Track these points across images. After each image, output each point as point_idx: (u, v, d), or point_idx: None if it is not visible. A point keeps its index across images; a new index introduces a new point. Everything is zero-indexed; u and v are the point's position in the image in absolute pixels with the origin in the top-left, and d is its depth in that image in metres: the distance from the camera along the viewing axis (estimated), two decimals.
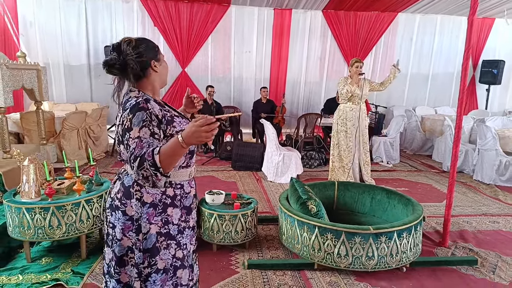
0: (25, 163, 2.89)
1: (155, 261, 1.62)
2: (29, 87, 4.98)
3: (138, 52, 1.60)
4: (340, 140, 5.08)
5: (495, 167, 5.43)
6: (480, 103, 9.20)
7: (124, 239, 1.61)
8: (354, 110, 4.96)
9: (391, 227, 2.85)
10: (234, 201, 3.43)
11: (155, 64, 1.66)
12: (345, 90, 4.91)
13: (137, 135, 1.47)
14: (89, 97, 7.87)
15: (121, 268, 1.64)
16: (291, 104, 8.66)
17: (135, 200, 1.59)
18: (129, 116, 1.52)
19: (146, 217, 1.59)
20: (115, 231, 1.62)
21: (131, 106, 1.54)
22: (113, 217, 1.63)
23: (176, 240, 1.67)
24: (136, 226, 1.60)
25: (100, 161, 6.34)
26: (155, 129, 1.52)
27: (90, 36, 7.63)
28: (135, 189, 1.60)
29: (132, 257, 1.62)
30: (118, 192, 1.64)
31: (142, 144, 1.46)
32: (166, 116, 1.59)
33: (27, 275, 2.80)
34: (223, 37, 8.11)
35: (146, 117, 1.51)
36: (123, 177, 1.66)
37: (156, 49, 1.68)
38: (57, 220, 2.84)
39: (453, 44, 8.88)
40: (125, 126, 1.51)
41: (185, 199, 1.72)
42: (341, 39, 8.39)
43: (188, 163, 1.71)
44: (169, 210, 1.65)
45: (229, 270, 2.96)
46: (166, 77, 1.75)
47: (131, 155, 1.45)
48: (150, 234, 1.60)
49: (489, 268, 3.09)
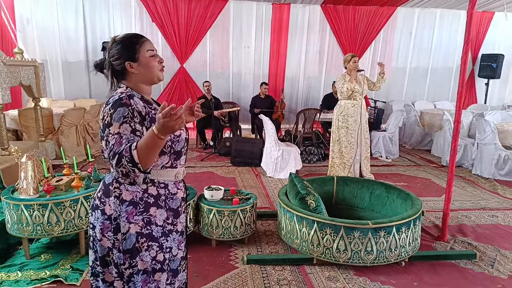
0: (23, 159, 2.88)
1: (136, 262, 1.55)
2: (27, 83, 4.96)
3: (112, 54, 1.57)
4: (341, 136, 5.03)
5: (494, 161, 5.43)
6: (479, 97, 9.20)
7: (104, 240, 1.55)
8: (356, 106, 4.92)
9: (390, 222, 2.85)
10: (233, 197, 3.42)
11: (131, 65, 1.56)
12: (345, 88, 4.84)
13: (117, 131, 1.42)
14: (87, 93, 7.86)
15: (104, 268, 1.60)
16: (290, 99, 8.64)
17: (113, 197, 1.53)
18: (110, 111, 1.47)
19: (125, 215, 1.52)
20: (95, 232, 1.57)
21: (113, 101, 1.49)
22: (93, 217, 1.58)
23: (159, 243, 1.59)
24: (114, 226, 1.53)
25: (98, 157, 6.32)
26: (136, 126, 1.46)
27: (88, 32, 7.61)
28: (114, 186, 1.54)
29: (113, 257, 1.57)
30: (99, 190, 1.60)
31: (121, 141, 1.40)
32: (150, 114, 1.54)
33: (26, 272, 2.80)
34: (222, 32, 8.08)
35: (127, 113, 1.46)
36: (106, 175, 1.63)
37: (134, 48, 1.57)
38: (56, 216, 2.84)
39: (452, 38, 8.86)
40: (106, 121, 1.47)
41: (171, 200, 1.64)
42: (340, 33, 8.36)
43: (173, 164, 1.62)
44: (152, 210, 1.57)
45: (228, 266, 2.96)
46: (153, 75, 1.61)
47: (110, 151, 1.40)
48: (130, 234, 1.53)
49: (487, 262, 3.10)
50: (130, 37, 1.60)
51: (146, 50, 1.59)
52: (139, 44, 1.58)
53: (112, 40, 1.60)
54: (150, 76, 1.61)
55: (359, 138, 5.00)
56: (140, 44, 1.58)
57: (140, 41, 1.59)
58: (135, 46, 1.57)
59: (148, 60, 1.59)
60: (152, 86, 1.71)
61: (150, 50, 1.59)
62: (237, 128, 7.41)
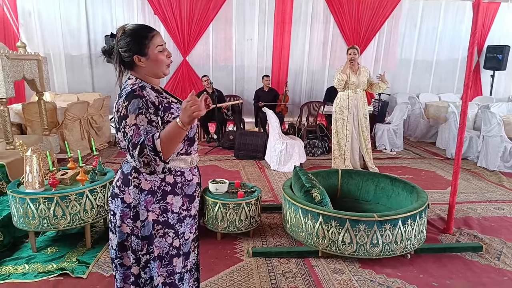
0: (28, 153, 2.88)
1: (152, 249, 1.63)
2: (30, 77, 4.95)
3: (121, 46, 1.57)
4: (338, 128, 5.09)
5: (499, 153, 5.39)
6: (485, 90, 9.11)
7: (123, 226, 1.64)
8: (351, 98, 4.96)
9: (395, 214, 2.84)
10: (238, 190, 3.42)
11: (139, 59, 1.57)
12: (336, 79, 4.96)
13: (134, 122, 1.46)
14: (90, 87, 7.84)
15: (123, 253, 1.68)
16: (294, 92, 8.57)
17: (133, 187, 1.59)
18: (125, 103, 1.50)
19: (144, 204, 1.59)
20: (116, 218, 1.64)
21: (126, 93, 1.52)
22: (113, 205, 1.65)
23: (175, 229, 1.67)
24: (133, 214, 1.61)
25: (103, 151, 6.34)
26: (152, 117, 1.50)
27: (90, 26, 7.55)
28: (133, 176, 1.60)
29: (131, 243, 1.65)
30: (118, 180, 1.66)
31: (139, 132, 1.45)
32: (163, 103, 1.57)
33: (33, 265, 2.81)
34: (224, 25, 8.01)
35: (142, 105, 1.49)
36: (123, 165, 1.68)
37: (143, 42, 1.56)
38: (62, 210, 2.85)
39: (457, 29, 8.74)
40: (121, 114, 1.50)
41: (187, 187, 1.70)
42: (344, 25, 8.27)
43: (187, 150, 1.68)
44: (169, 198, 1.63)
45: (234, 258, 2.97)
46: (160, 71, 1.62)
47: (129, 142, 1.45)
48: (148, 221, 1.61)
49: (494, 254, 3.09)
50: (140, 29, 1.60)
51: (156, 45, 1.59)
52: (149, 39, 1.58)
53: (121, 30, 1.59)
54: (157, 71, 1.63)
55: (355, 131, 5.03)
56: (150, 38, 1.58)
57: (150, 35, 1.59)
58: (145, 41, 1.57)
59: (157, 56, 1.60)
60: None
61: (159, 46, 1.60)
62: (241, 121, 7.38)
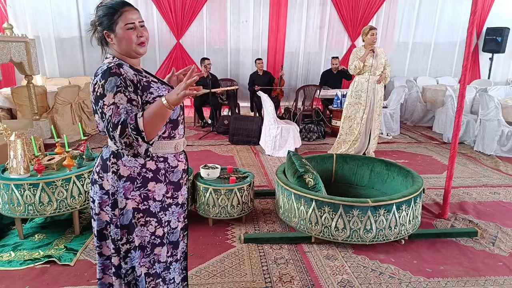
0: (12, 138, 2.78)
1: (133, 238, 1.56)
2: (18, 60, 4.82)
3: (96, 19, 1.50)
4: (351, 113, 4.89)
5: (496, 137, 5.33)
6: (483, 73, 8.99)
7: (102, 213, 1.57)
8: (371, 81, 4.74)
9: (390, 200, 2.78)
10: (230, 175, 3.35)
11: (108, 35, 1.49)
12: (353, 65, 4.70)
13: (112, 101, 1.37)
14: (82, 70, 7.68)
15: (101, 242, 1.61)
16: (290, 76, 8.43)
17: (111, 173, 1.51)
18: (101, 82, 1.41)
19: (123, 191, 1.52)
20: (95, 205, 1.57)
21: (102, 72, 1.43)
22: (92, 191, 1.58)
23: (157, 218, 1.59)
24: (112, 201, 1.53)
25: (94, 136, 6.23)
26: (131, 95, 1.42)
27: (80, 7, 7.35)
28: (112, 162, 1.52)
29: (110, 232, 1.58)
30: (97, 165, 1.58)
31: (119, 111, 1.36)
32: (141, 81, 1.48)
33: (20, 252, 2.75)
34: (219, 6, 7.80)
35: (120, 83, 1.40)
36: (103, 150, 1.60)
37: (112, 18, 1.46)
38: (48, 196, 2.77)
39: (456, 11, 8.56)
40: (98, 93, 1.41)
41: (172, 173, 1.61)
42: (341, 7, 8.08)
43: (170, 134, 1.58)
44: (151, 185, 1.55)
45: (226, 245, 2.92)
46: (128, 50, 1.49)
47: (108, 123, 1.36)
48: (127, 210, 1.53)
49: (488, 239, 3.05)
50: (112, 5, 1.49)
51: (126, 22, 1.46)
52: (118, 15, 1.46)
53: (100, 2, 1.52)
54: (126, 49, 1.51)
55: (371, 115, 4.87)
56: (119, 14, 1.47)
57: (121, 11, 1.47)
58: (114, 16, 1.47)
59: (124, 33, 1.47)
60: (143, 59, 1.62)
61: (129, 24, 1.47)
62: (236, 106, 7.27)
